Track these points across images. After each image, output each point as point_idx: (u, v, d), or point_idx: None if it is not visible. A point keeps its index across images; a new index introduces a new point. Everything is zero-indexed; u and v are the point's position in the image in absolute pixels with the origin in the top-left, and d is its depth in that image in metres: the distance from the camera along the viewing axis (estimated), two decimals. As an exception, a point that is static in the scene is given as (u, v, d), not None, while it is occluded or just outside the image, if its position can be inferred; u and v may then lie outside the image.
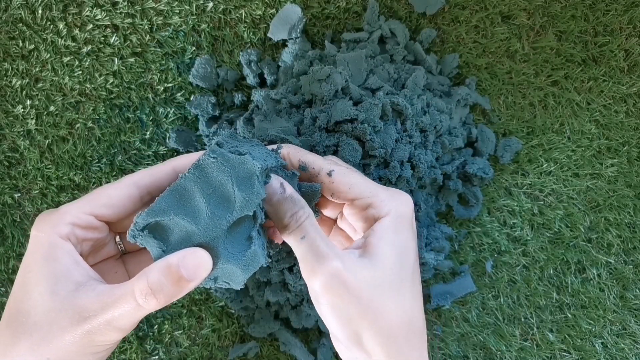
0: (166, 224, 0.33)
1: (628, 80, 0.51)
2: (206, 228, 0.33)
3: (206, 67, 0.52)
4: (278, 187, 0.34)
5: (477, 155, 0.52)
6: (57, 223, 0.33)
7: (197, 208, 0.33)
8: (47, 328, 0.31)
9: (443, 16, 0.52)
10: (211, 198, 0.33)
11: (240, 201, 0.33)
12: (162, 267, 0.31)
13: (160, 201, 0.33)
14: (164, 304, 0.31)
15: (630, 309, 0.52)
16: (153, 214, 0.33)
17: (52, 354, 0.31)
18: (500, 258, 0.53)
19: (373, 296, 0.32)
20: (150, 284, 0.31)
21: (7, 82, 0.52)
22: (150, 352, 0.54)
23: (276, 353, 0.53)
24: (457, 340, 0.53)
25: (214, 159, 0.33)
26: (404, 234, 0.34)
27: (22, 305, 0.32)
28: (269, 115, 0.46)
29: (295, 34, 0.50)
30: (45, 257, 0.32)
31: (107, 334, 0.31)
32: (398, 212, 0.34)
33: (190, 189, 0.33)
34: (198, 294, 0.54)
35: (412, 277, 0.34)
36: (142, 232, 0.33)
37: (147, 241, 0.33)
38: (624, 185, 0.52)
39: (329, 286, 0.32)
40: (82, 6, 0.51)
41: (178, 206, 0.33)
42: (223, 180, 0.33)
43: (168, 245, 0.33)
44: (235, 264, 0.33)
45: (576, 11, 0.51)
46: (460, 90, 0.51)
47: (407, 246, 0.34)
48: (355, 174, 0.36)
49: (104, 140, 0.53)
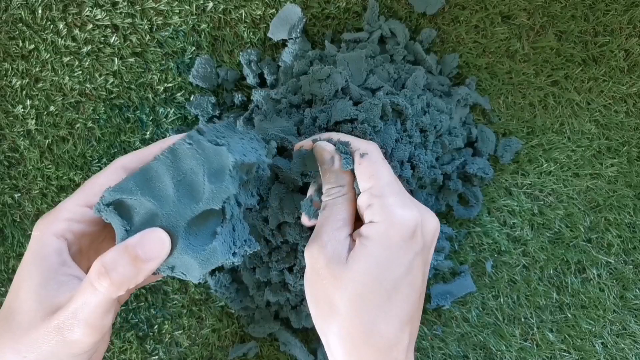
0: (132, 203, 0.33)
1: (628, 80, 0.51)
2: (169, 214, 0.32)
3: (206, 67, 0.52)
4: (328, 158, 0.35)
5: (477, 155, 0.52)
6: (53, 221, 0.33)
7: (164, 192, 0.32)
8: (27, 326, 0.31)
9: (443, 16, 0.52)
10: (180, 185, 0.32)
11: (209, 193, 0.32)
12: (118, 247, 0.31)
13: (130, 180, 0.32)
14: (119, 286, 0.31)
15: (630, 309, 0.52)
16: (120, 190, 0.32)
17: (28, 352, 0.31)
18: (500, 258, 0.53)
19: (335, 296, 0.33)
20: (104, 263, 0.31)
21: (7, 82, 0.52)
22: (150, 352, 0.54)
23: (276, 353, 0.53)
24: (457, 340, 0.53)
25: (189, 145, 0.32)
26: (389, 248, 0.32)
27: (11, 304, 0.32)
28: (269, 115, 0.46)
29: (295, 34, 0.50)
30: (36, 256, 0.33)
31: (76, 330, 0.31)
32: (391, 223, 0.33)
33: (161, 172, 0.32)
34: (198, 294, 0.54)
35: (390, 293, 0.32)
36: (107, 207, 0.32)
37: (112, 218, 0.33)
38: (624, 185, 0.52)
39: (309, 263, 0.34)
40: (82, 6, 0.51)
41: (146, 187, 0.32)
42: (195, 169, 0.32)
43: (131, 226, 0.33)
44: (193, 257, 0.32)
45: (576, 11, 0.51)
46: (460, 90, 0.51)
47: (390, 261, 0.32)
48: (385, 171, 0.35)
49: (104, 140, 0.53)
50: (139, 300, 0.54)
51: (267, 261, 0.47)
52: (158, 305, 0.54)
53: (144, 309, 0.54)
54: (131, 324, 0.54)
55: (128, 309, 0.54)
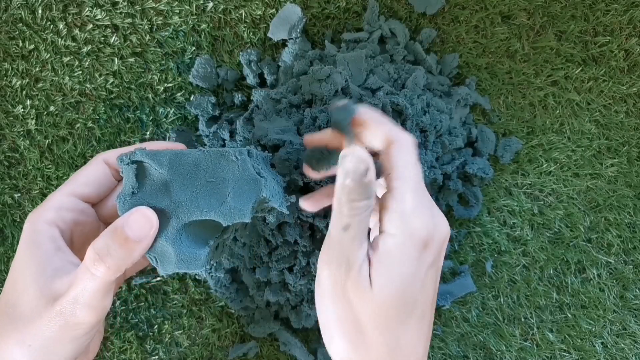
0: (152, 173, 0.33)
1: (628, 80, 0.51)
2: (180, 203, 0.33)
3: (206, 67, 0.52)
4: (362, 170, 0.31)
5: (477, 155, 0.52)
6: (42, 210, 0.34)
7: (188, 182, 0.33)
8: (29, 315, 0.31)
9: (443, 16, 0.52)
10: (206, 185, 0.33)
11: (226, 209, 0.32)
12: (107, 232, 0.31)
13: (166, 154, 0.33)
14: (115, 269, 0.31)
15: (630, 309, 0.52)
16: (152, 157, 0.33)
17: (32, 340, 0.31)
18: (500, 258, 0.53)
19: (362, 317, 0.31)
20: (97, 249, 0.31)
21: (7, 82, 0.52)
22: (150, 352, 0.54)
23: (276, 353, 0.53)
24: (457, 340, 0.53)
25: (235, 159, 0.33)
26: (408, 262, 0.31)
27: (10, 297, 0.32)
28: (269, 115, 0.46)
29: (295, 34, 0.50)
30: (30, 245, 0.33)
31: (78, 314, 0.31)
32: (408, 235, 0.31)
33: (197, 165, 0.33)
34: (198, 294, 0.54)
35: (411, 310, 0.32)
36: (131, 163, 0.33)
37: (128, 173, 0.33)
38: (624, 185, 0.52)
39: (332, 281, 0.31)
40: (82, 6, 0.51)
41: (176, 168, 0.33)
42: (227, 181, 0.33)
43: (139, 190, 0.33)
44: (176, 253, 0.33)
45: (576, 11, 0.51)
46: (460, 90, 0.51)
47: (410, 277, 0.31)
48: (412, 169, 0.33)
49: (104, 140, 0.53)
50: (139, 300, 0.54)
51: (267, 261, 0.47)
52: (158, 305, 0.54)
53: (144, 309, 0.54)
54: (131, 324, 0.54)
55: (128, 309, 0.54)
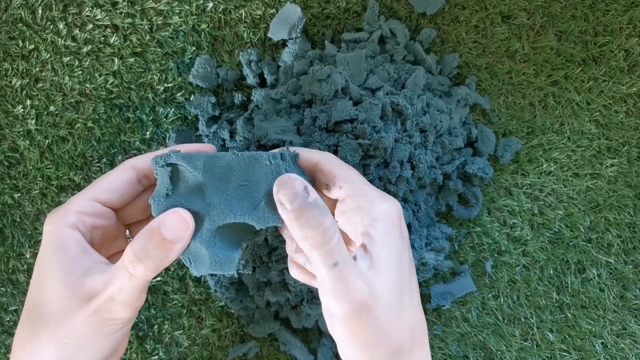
0: (187, 176, 0.33)
1: (628, 80, 0.51)
2: (214, 206, 0.33)
3: (206, 67, 0.52)
4: (301, 190, 0.30)
5: (477, 155, 0.52)
6: (64, 214, 0.34)
7: (222, 186, 0.33)
8: (62, 315, 0.32)
9: (443, 16, 0.52)
10: (240, 189, 0.33)
11: (260, 212, 0.33)
12: (144, 233, 0.32)
13: (200, 157, 0.33)
14: (154, 269, 0.32)
15: (630, 309, 0.52)
16: (186, 159, 0.33)
17: (68, 338, 0.32)
18: (500, 258, 0.53)
19: (388, 319, 0.31)
20: (135, 250, 0.31)
21: (7, 82, 0.52)
22: (150, 352, 0.54)
23: (276, 353, 0.53)
24: (457, 340, 0.53)
25: (269, 163, 0.33)
26: (397, 240, 0.33)
27: (37, 298, 0.33)
28: (269, 115, 0.46)
29: (295, 34, 0.50)
30: (55, 247, 0.33)
31: (114, 310, 0.32)
32: (388, 215, 0.33)
33: (231, 168, 0.33)
34: (198, 294, 0.54)
35: (410, 284, 0.33)
36: (166, 165, 0.33)
37: (162, 175, 0.33)
38: (624, 185, 0.52)
39: (355, 315, 0.30)
40: (82, 6, 0.51)
41: (210, 172, 0.33)
42: (261, 184, 0.33)
43: (174, 192, 0.33)
44: (210, 255, 0.33)
45: (576, 11, 0.51)
46: (460, 90, 0.51)
47: (402, 253, 0.33)
48: (351, 170, 0.35)
49: (104, 140, 0.53)
50: (139, 300, 0.54)
51: (267, 261, 0.47)
52: (158, 305, 0.54)
53: (144, 309, 0.54)
54: (131, 324, 0.54)
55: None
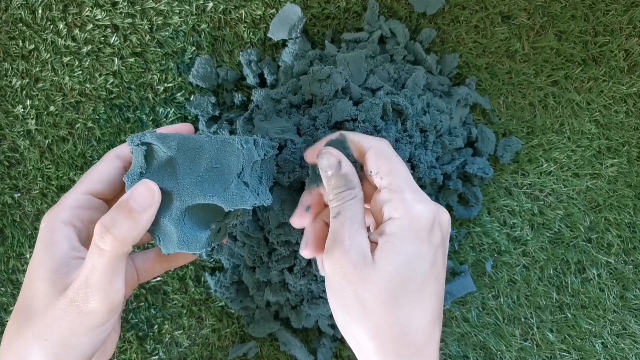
0: (160, 155, 0.34)
1: (628, 80, 0.51)
2: (185, 185, 0.34)
3: (206, 67, 0.52)
4: (335, 163, 0.35)
5: (477, 155, 0.52)
6: (59, 210, 0.35)
7: (194, 166, 0.34)
8: (43, 309, 0.32)
9: (443, 16, 0.52)
10: (212, 171, 0.34)
11: (229, 195, 0.33)
12: (114, 207, 0.33)
13: (174, 137, 0.34)
14: (122, 241, 0.32)
15: (630, 309, 0.52)
16: (161, 140, 0.34)
17: (48, 334, 0.32)
18: (500, 258, 0.53)
19: (368, 298, 0.32)
20: (104, 222, 0.32)
21: (7, 82, 0.52)
22: (150, 352, 0.54)
23: (276, 353, 0.53)
24: (457, 340, 0.53)
25: (241, 147, 0.34)
26: (415, 242, 0.33)
27: (26, 296, 0.33)
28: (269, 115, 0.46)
29: (295, 34, 0.50)
30: (46, 245, 0.34)
31: (90, 300, 0.32)
32: (413, 217, 0.33)
33: (204, 150, 0.34)
34: (198, 294, 0.54)
35: (420, 287, 0.32)
36: (142, 145, 0.34)
37: (137, 154, 0.34)
38: (624, 185, 0.52)
39: (333, 270, 0.33)
40: (82, 6, 0.51)
41: (183, 152, 0.34)
42: (232, 168, 0.34)
43: (147, 171, 0.34)
44: (178, 233, 0.34)
45: (576, 11, 0.51)
46: (460, 90, 0.51)
47: (417, 255, 0.32)
48: (401, 167, 0.35)
49: (104, 140, 0.53)
50: (139, 300, 0.54)
51: (267, 261, 0.47)
52: (158, 305, 0.54)
53: (144, 309, 0.54)
54: (131, 324, 0.54)
55: (128, 309, 0.54)
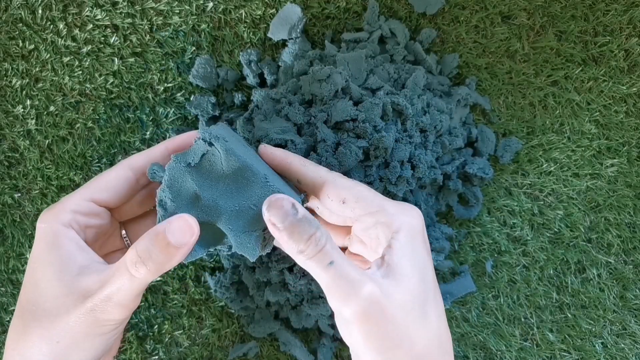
0: (216, 163, 0.33)
1: (628, 80, 0.51)
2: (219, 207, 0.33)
3: (206, 67, 0.52)
4: (289, 208, 0.31)
5: (477, 155, 0.52)
6: (58, 212, 0.34)
7: (239, 196, 0.33)
8: (55, 312, 0.32)
9: (443, 16, 0.52)
10: (249, 210, 0.33)
11: (244, 239, 0.34)
12: (149, 235, 0.32)
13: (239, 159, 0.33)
14: (155, 272, 0.32)
15: (630, 309, 0.52)
16: (229, 152, 0.33)
17: (61, 337, 0.32)
18: (500, 258, 0.53)
19: (406, 321, 0.30)
20: (139, 252, 0.31)
21: (7, 82, 0.52)
22: (150, 352, 0.54)
23: (276, 353, 0.53)
24: (457, 340, 0.53)
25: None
26: (420, 250, 0.32)
27: (31, 295, 0.33)
28: (268, 115, 0.46)
29: (295, 34, 0.50)
30: (50, 245, 0.33)
31: (110, 311, 0.32)
32: (411, 226, 0.32)
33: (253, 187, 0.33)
34: (198, 294, 0.54)
35: (434, 293, 0.32)
36: (209, 144, 0.33)
37: (198, 148, 0.34)
38: (624, 185, 0.52)
39: (366, 314, 0.29)
40: (82, 6, 0.51)
41: (236, 176, 0.33)
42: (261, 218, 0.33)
43: (195, 165, 0.34)
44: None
45: (576, 11, 0.51)
46: (460, 90, 0.51)
47: (425, 262, 0.32)
48: (361, 187, 0.34)
49: (104, 140, 0.53)
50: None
51: (267, 261, 0.47)
52: (158, 305, 0.54)
53: (144, 309, 0.54)
54: (131, 324, 0.54)
55: (128, 309, 0.54)
